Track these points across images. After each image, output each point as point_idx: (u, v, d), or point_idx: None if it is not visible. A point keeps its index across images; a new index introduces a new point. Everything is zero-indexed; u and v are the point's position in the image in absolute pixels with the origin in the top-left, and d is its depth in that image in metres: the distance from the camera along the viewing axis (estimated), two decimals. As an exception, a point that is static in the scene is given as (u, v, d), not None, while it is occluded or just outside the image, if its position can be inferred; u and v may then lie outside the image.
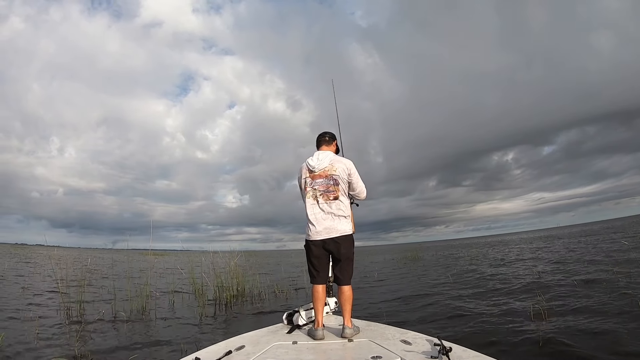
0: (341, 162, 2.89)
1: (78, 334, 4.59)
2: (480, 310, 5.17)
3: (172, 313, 6.25)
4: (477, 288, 7.19)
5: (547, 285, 6.51)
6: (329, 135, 3.11)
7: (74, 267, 9.99)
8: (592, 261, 9.34)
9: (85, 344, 4.24)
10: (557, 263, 10.07)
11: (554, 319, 4.31)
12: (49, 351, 3.96)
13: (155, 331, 5.03)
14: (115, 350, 4.09)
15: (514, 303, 5.45)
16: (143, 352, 4.02)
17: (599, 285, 5.92)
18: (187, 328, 5.20)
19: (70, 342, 4.23)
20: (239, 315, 6.07)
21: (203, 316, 5.88)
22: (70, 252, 21.14)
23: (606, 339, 3.44)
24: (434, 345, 2.17)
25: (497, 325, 4.27)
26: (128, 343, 4.36)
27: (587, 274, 7.32)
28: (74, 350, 3.90)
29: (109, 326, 5.22)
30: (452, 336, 3.49)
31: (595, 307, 4.59)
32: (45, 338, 4.46)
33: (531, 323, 4.24)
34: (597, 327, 3.79)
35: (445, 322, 4.76)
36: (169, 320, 5.71)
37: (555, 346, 3.37)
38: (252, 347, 2.42)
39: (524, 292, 6.11)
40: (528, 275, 8.24)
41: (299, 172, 3.02)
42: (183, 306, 6.88)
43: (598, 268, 7.92)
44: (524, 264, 10.95)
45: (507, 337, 3.79)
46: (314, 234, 2.84)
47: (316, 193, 2.86)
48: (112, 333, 4.89)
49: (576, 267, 8.56)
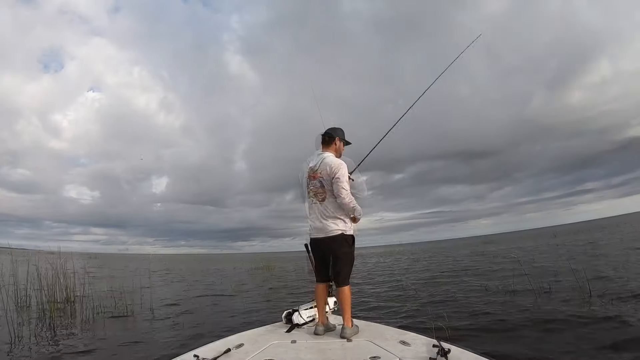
0: (328, 164, 2.81)
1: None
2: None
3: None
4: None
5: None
6: (328, 135, 2.99)
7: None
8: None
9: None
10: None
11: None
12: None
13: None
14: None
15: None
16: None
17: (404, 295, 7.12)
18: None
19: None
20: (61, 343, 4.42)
21: (16, 338, 4.37)
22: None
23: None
24: (433, 347, 2.18)
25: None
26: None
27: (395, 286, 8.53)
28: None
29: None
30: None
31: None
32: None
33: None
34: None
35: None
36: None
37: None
38: (251, 345, 2.43)
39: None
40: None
41: (300, 171, 3.06)
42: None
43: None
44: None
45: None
46: (311, 233, 2.97)
47: (311, 194, 2.94)
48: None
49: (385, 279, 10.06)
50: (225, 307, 7.16)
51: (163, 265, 26.30)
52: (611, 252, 11.51)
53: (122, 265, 21.82)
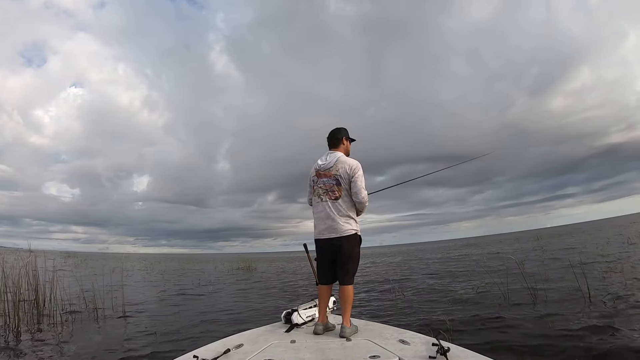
0: (346, 163, 2.85)
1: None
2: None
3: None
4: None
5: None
6: (337, 137, 3.01)
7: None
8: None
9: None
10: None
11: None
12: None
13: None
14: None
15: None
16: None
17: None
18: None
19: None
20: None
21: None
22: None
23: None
24: (432, 345, 2.16)
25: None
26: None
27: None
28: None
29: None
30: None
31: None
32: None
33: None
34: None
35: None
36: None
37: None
38: (251, 345, 2.42)
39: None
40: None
41: (311, 169, 3.03)
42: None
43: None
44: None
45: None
46: (317, 233, 2.89)
47: (320, 192, 2.87)
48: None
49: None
50: (198, 308, 6.96)
51: (142, 265, 25.64)
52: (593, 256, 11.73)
53: (100, 264, 21.08)
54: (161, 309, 6.84)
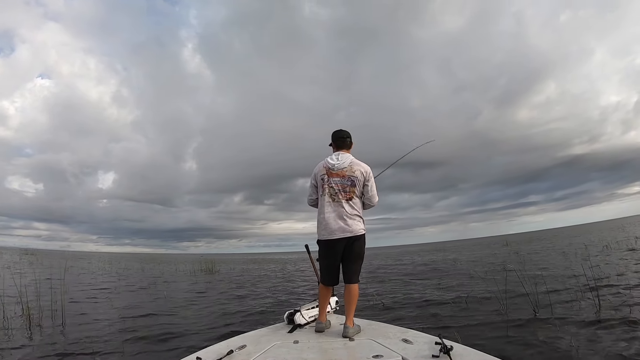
0: (361, 166, 2.94)
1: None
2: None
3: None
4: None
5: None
6: (346, 138, 3.06)
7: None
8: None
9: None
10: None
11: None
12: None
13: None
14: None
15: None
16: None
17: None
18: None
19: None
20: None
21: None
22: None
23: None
24: (435, 344, 2.16)
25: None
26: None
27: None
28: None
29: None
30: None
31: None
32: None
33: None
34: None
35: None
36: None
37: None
38: (254, 346, 2.41)
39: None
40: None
41: (316, 168, 3.01)
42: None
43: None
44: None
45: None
46: (327, 233, 2.83)
47: (332, 191, 2.85)
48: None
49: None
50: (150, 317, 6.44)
51: (99, 266, 24.08)
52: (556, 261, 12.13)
53: (57, 263, 19.42)
54: (106, 318, 6.11)
